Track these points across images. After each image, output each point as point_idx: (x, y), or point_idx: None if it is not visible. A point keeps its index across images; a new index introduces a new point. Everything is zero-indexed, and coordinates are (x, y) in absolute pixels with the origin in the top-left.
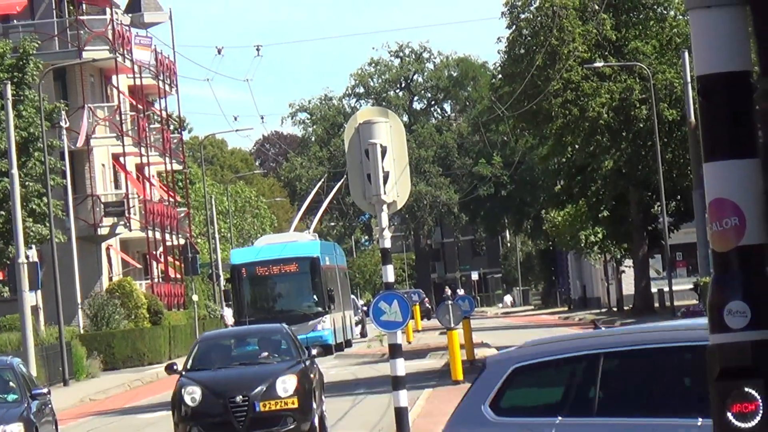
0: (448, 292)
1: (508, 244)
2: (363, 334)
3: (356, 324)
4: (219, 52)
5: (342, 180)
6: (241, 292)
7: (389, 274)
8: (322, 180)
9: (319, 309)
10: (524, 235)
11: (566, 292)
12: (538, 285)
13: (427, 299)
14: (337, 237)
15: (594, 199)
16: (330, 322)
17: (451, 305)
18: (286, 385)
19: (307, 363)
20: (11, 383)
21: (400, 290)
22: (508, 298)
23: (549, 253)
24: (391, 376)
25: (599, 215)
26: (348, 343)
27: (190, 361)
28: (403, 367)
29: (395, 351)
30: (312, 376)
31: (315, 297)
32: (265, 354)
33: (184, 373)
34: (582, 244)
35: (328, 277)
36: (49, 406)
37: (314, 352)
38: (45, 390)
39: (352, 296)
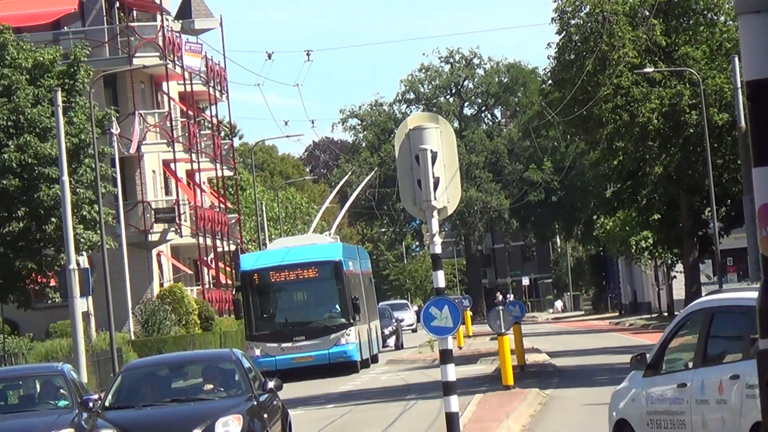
0: (499, 297)
1: (559, 250)
2: (398, 346)
3: (390, 335)
4: (269, 57)
5: (370, 175)
6: (253, 302)
7: (440, 279)
8: (349, 173)
9: (343, 320)
10: (575, 241)
11: (617, 298)
12: (588, 290)
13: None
14: (388, 243)
15: (644, 204)
16: (355, 335)
17: (502, 311)
18: (229, 428)
19: (262, 399)
20: (62, 390)
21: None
22: (558, 304)
23: (599, 258)
24: (441, 382)
25: (650, 220)
26: (374, 359)
27: (110, 396)
28: (453, 372)
29: (446, 356)
30: (266, 416)
31: (338, 307)
32: (210, 387)
33: (100, 411)
34: (633, 250)
35: (352, 283)
36: None
37: (271, 384)
38: (95, 396)
39: (406, 302)
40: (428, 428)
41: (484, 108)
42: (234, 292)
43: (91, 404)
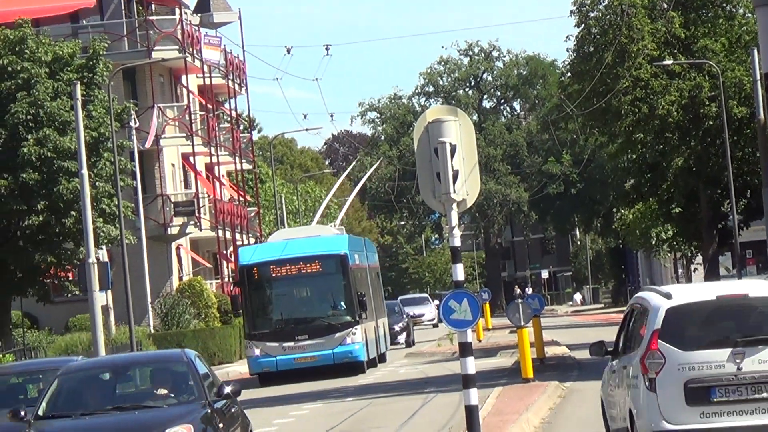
0: (518, 291)
1: (578, 243)
2: (408, 343)
3: (401, 331)
4: (288, 51)
5: (377, 162)
6: (252, 298)
7: (459, 272)
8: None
9: (348, 318)
10: (594, 234)
11: (636, 290)
12: (607, 283)
13: None
14: (407, 236)
15: (664, 197)
16: (361, 334)
17: (521, 303)
18: None
19: (218, 406)
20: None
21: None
22: (577, 297)
23: (619, 251)
24: (461, 375)
25: (669, 213)
26: (382, 358)
27: (44, 404)
28: (473, 365)
29: (465, 349)
30: (221, 425)
31: (343, 303)
32: (158, 392)
33: (32, 421)
34: (654, 241)
35: (358, 278)
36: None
37: (228, 389)
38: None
39: (426, 296)
40: (448, 421)
41: (503, 101)
42: (232, 287)
43: None
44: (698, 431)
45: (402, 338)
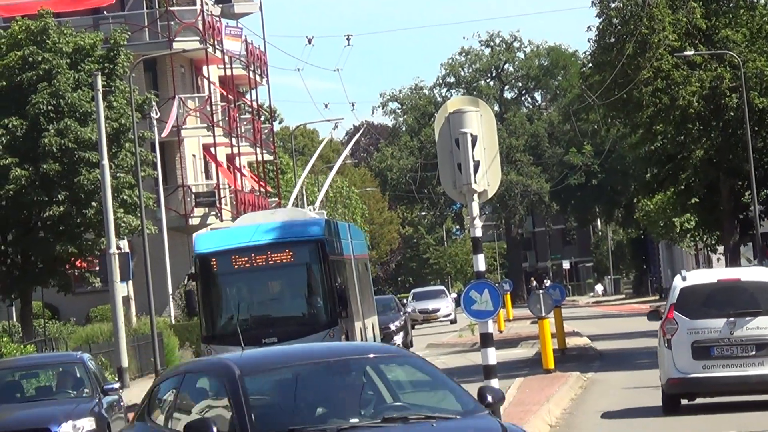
0: (534, 283)
1: (599, 233)
2: (406, 344)
3: (397, 330)
4: (309, 41)
5: (359, 133)
6: (210, 293)
7: (480, 263)
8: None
9: (326, 317)
10: (615, 224)
11: (657, 281)
12: (629, 274)
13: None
14: (428, 226)
15: (684, 187)
16: (340, 336)
17: (542, 294)
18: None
19: (107, 401)
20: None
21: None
22: (599, 287)
23: (640, 241)
24: (482, 365)
25: (689, 203)
26: None
27: None
28: (494, 356)
29: (486, 340)
30: (111, 418)
31: (319, 299)
32: (63, 389)
33: None
34: (677, 231)
35: (339, 269)
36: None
37: (115, 386)
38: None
39: (443, 289)
40: None
41: (524, 91)
42: (186, 281)
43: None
44: (701, 378)
45: (399, 339)
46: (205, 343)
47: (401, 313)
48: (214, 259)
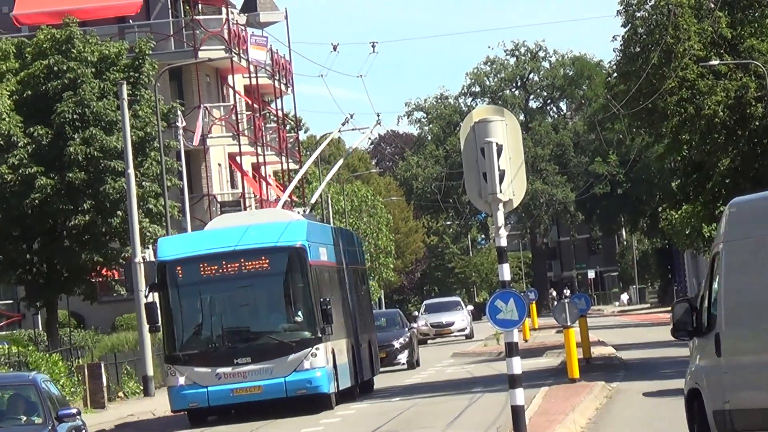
0: (553, 293)
1: (625, 243)
2: (411, 364)
3: (402, 349)
4: (334, 48)
5: (373, 126)
6: (174, 307)
7: (505, 272)
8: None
9: (307, 334)
10: (640, 233)
11: (683, 290)
12: (654, 283)
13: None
14: (454, 236)
15: (710, 197)
16: (325, 356)
17: (567, 304)
18: None
19: (62, 428)
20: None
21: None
22: (624, 297)
23: (665, 251)
24: (507, 375)
25: (715, 212)
26: (367, 386)
27: None
28: (519, 365)
29: (512, 349)
30: None
31: (300, 314)
32: (11, 415)
33: None
34: (705, 239)
35: (325, 280)
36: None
37: (73, 410)
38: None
39: (458, 300)
40: (494, 421)
41: (549, 101)
42: (147, 292)
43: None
44: None
45: (403, 358)
46: (168, 363)
47: (406, 329)
48: (179, 267)
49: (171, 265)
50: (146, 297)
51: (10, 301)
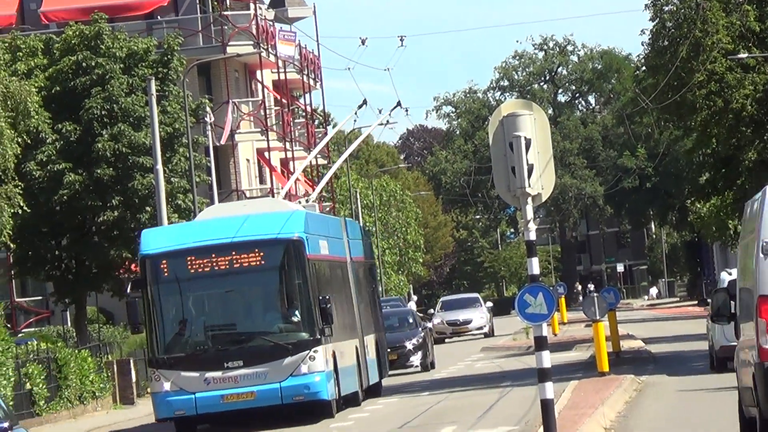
0: (578, 288)
1: (653, 236)
2: (425, 366)
3: (415, 350)
4: (363, 42)
5: (392, 108)
6: (159, 305)
7: (534, 266)
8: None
9: (305, 335)
10: (669, 227)
11: (712, 284)
12: (683, 276)
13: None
14: (483, 230)
15: (739, 191)
16: (324, 359)
17: (596, 297)
18: None
19: None
20: None
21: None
22: (653, 290)
23: (694, 244)
24: (536, 369)
25: (744, 206)
26: (374, 390)
27: None
28: (548, 359)
29: (541, 343)
30: None
31: (297, 313)
32: None
33: None
34: (731, 233)
35: (325, 275)
36: None
37: (5, 424)
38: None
39: (476, 297)
40: (524, 415)
41: (578, 95)
42: (129, 289)
43: None
44: None
45: (416, 360)
46: (152, 367)
47: (420, 329)
48: (164, 262)
49: (155, 260)
50: (127, 295)
51: (39, 298)
